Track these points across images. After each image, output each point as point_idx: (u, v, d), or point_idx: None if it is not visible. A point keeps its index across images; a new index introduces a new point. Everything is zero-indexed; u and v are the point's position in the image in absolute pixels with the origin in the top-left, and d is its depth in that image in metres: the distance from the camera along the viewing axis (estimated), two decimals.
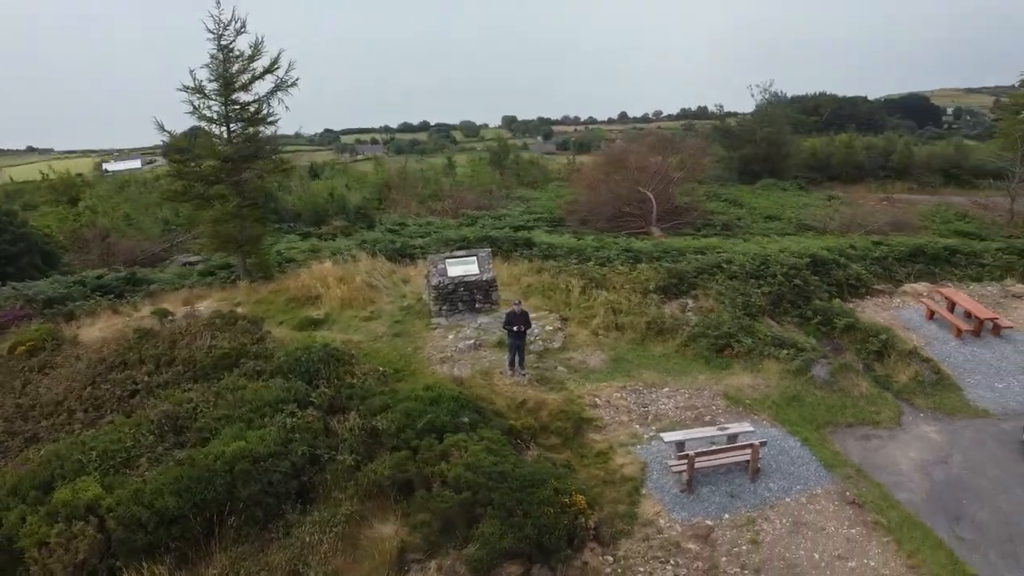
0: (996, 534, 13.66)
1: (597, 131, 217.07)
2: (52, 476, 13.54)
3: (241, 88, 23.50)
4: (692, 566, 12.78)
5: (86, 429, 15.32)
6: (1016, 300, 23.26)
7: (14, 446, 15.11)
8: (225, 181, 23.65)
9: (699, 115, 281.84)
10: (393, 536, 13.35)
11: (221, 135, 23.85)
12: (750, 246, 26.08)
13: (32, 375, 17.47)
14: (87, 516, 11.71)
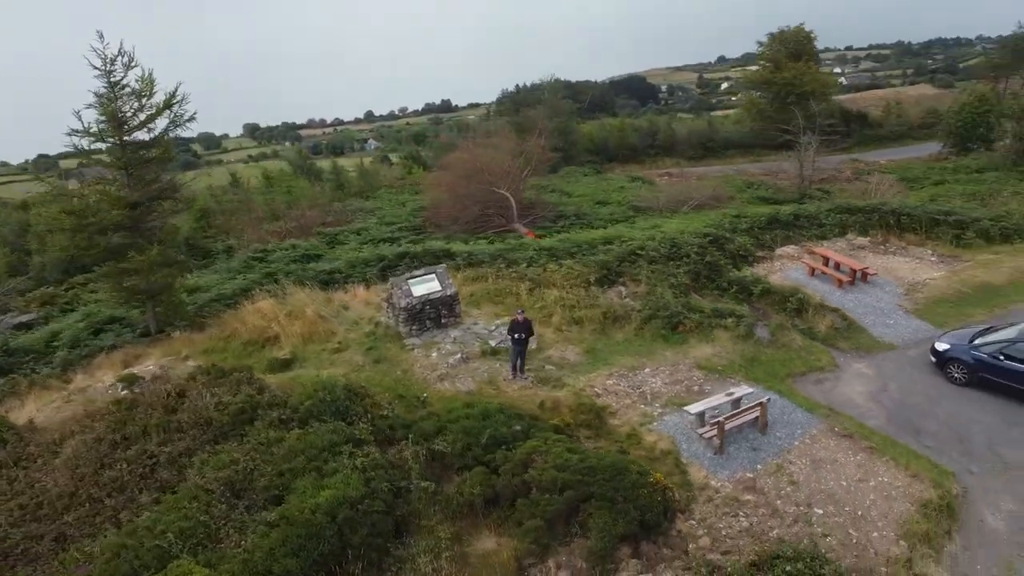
0: (947, 438, 17.32)
1: (347, 132, 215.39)
2: (133, 569, 12.64)
3: (138, 128, 21.87)
4: (758, 513, 14.93)
5: (121, 515, 14.20)
6: (861, 251, 28.34)
7: (43, 550, 13.63)
8: (135, 228, 21.91)
9: (444, 109, 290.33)
10: (496, 548, 14.15)
11: (120, 180, 22.00)
12: (641, 232, 28.91)
13: (5, 472, 15.57)
14: None
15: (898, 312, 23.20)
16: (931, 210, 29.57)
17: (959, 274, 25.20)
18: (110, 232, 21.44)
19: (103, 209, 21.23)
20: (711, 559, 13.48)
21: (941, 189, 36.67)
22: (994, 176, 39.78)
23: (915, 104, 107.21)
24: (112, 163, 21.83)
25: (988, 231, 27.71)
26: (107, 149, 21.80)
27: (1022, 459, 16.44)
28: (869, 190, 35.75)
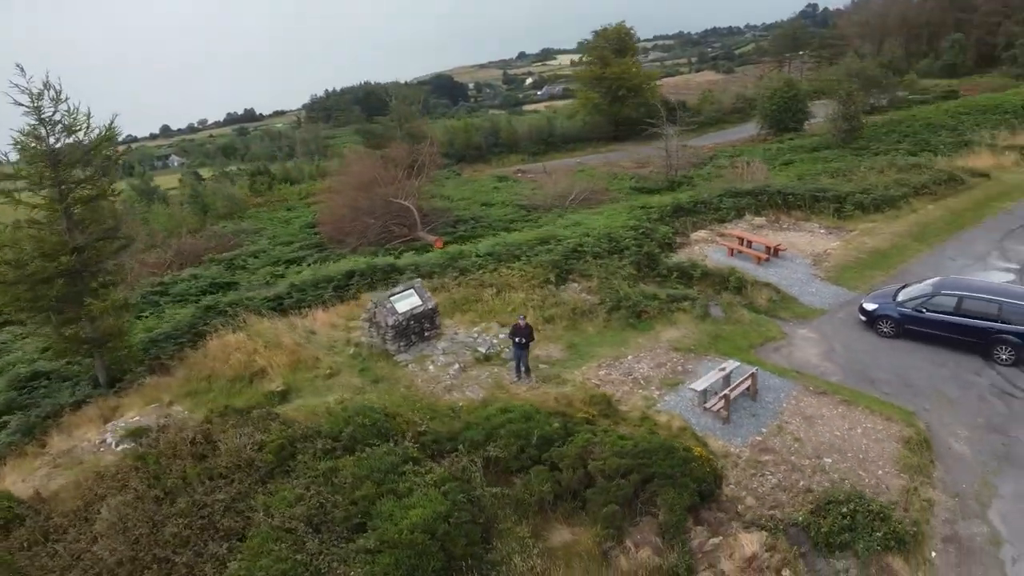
0: (897, 384, 20.34)
1: (145, 149, 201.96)
2: None
3: (74, 165, 20.44)
4: (780, 470, 16.96)
5: (197, 570, 13.76)
6: (761, 229, 31.69)
7: None
8: (83, 273, 20.45)
9: (249, 118, 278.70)
10: (573, 539, 15.23)
11: (58, 223, 20.40)
12: (568, 230, 30.51)
13: (34, 551, 14.46)
14: None
15: (815, 281, 26.42)
16: (812, 188, 33.63)
17: (851, 243, 29.01)
18: (57, 281, 19.85)
19: (45, 255, 19.62)
20: (771, 515, 15.26)
21: (800, 168, 41.39)
22: (833, 154, 45.39)
23: (699, 88, 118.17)
24: (47, 205, 20.16)
25: (863, 203, 32.00)
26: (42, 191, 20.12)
27: (959, 394, 19.68)
28: (742, 174, 39.67)
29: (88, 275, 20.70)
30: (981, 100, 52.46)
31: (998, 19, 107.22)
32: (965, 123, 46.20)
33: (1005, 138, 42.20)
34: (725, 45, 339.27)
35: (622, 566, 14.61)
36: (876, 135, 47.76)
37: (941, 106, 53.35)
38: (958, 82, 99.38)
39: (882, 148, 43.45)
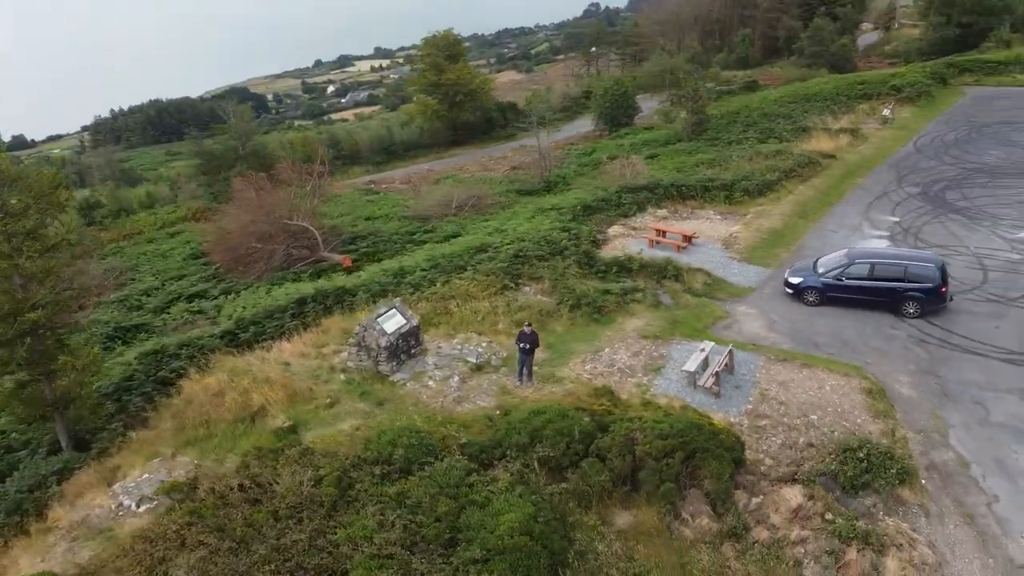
0: (836, 344, 23.45)
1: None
2: None
3: (23, 215, 18.92)
4: (778, 431, 19.29)
5: None
6: (665, 220, 34.51)
7: None
8: (47, 330, 18.97)
9: (19, 145, 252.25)
10: (635, 520, 16.66)
11: (12, 281, 18.74)
12: (495, 237, 31.62)
13: None
14: None
15: (733, 262, 29.41)
16: (700, 179, 37.01)
17: (750, 225, 32.44)
18: (19, 342, 18.31)
19: (4, 317, 18.07)
20: (792, 471, 17.44)
21: (670, 162, 44.94)
22: (689, 146, 49.66)
23: (505, 88, 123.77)
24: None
25: (748, 189, 35.75)
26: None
27: (888, 347, 23.10)
28: (624, 171, 42.56)
29: (49, 331, 19.16)
30: (799, 89, 59.30)
31: (777, 15, 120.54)
32: (795, 111, 52.24)
33: (834, 122, 48.41)
34: (520, 45, 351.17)
35: (687, 535, 16.13)
36: (720, 126, 52.81)
37: (769, 96, 59.58)
38: (750, 72, 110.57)
39: (733, 138, 48.23)
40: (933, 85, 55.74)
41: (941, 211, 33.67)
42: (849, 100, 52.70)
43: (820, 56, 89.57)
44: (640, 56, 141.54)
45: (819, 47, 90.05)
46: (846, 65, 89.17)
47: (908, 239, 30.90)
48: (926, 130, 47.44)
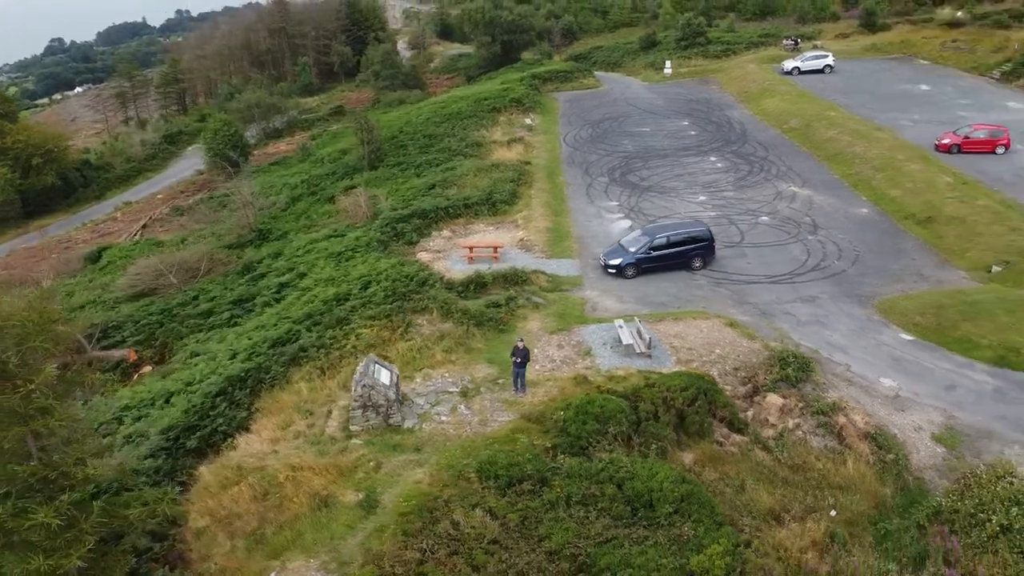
0: (672, 300, 31.17)
1: None
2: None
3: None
4: (713, 367, 26.10)
5: None
6: (454, 237, 38.75)
7: None
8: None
9: None
10: (693, 456, 22.09)
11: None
12: (329, 288, 32.49)
13: None
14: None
15: (545, 260, 35.31)
16: (458, 198, 41.73)
17: (528, 230, 38.57)
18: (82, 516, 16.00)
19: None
20: (749, 387, 24.35)
21: (402, 187, 48.25)
22: (379, 174, 53.41)
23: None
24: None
25: (501, 199, 41.70)
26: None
27: (704, 292, 31.57)
28: (351, 210, 44.94)
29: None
30: (437, 108, 66.68)
31: (326, 42, 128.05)
32: (454, 129, 59.31)
33: (490, 134, 56.83)
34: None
35: (732, 451, 22.02)
36: (392, 152, 57.61)
37: (412, 118, 65.42)
38: (323, 98, 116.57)
39: (420, 161, 53.45)
40: (535, 94, 68.22)
41: (637, 190, 44.06)
42: (486, 114, 61.82)
43: (395, 78, 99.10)
44: (191, 93, 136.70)
45: (392, 70, 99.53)
46: (419, 84, 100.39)
47: (636, 215, 40.25)
48: (560, 132, 58.92)
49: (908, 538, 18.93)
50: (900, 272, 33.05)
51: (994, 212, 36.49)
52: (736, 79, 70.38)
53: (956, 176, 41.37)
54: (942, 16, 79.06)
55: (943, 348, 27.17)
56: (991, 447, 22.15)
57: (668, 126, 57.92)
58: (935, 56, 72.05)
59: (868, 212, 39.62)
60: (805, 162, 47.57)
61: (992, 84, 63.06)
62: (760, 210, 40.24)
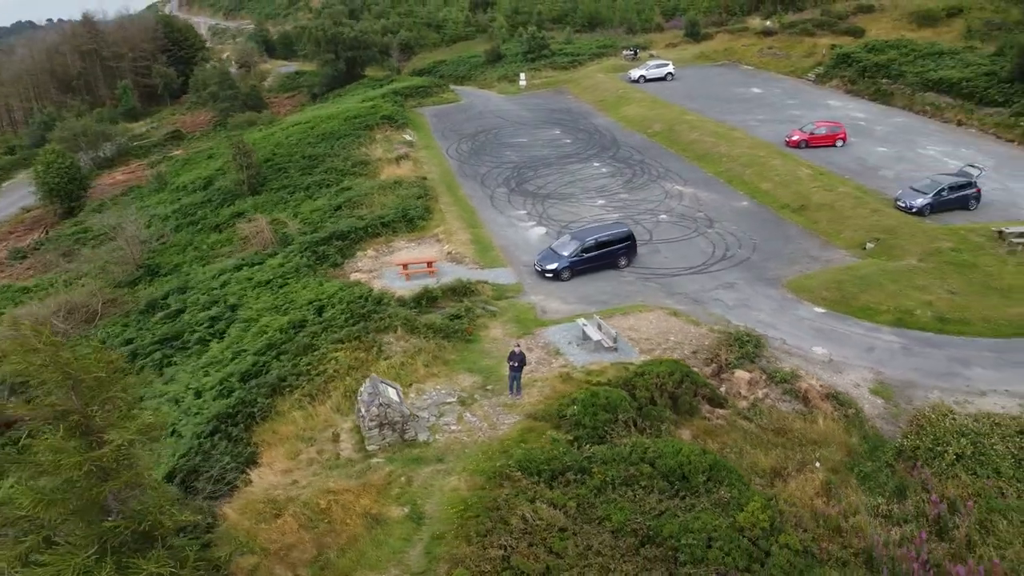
0: (612, 298, 33.86)
1: None
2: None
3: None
4: (668, 352, 28.91)
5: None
6: (380, 257, 39.23)
7: None
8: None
9: None
10: (690, 433, 24.69)
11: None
12: (303, 311, 32.12)
13: None
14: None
15: (480, 271, 36.78)
16: (373, 218, 42.02)
17: (453, 243, 39.77)
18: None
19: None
20: (715, 365, 27.34)
21: (305, 209, 47.41)
22: (259, 200, 52.29)
23: None
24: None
25: (418, 215, 42.57)
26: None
27: (636, 287, 34.47)
28: (254, 237, 43.89)
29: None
30: (304, 129, 65.54)
31: (146, 63, 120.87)
32: (334, 148, 58.79)
33: (370, 152, 57.10)
34: None
35: (721, 424, 24.80)
36: (273, 175, 56.35)
37: (281, 139, 63.81)
38: (151, 121, 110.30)
39: (306, 183, 52.79)
40: (403, 111, 69.06)
41: (538, 198, 46.53)
42: (360, 132, 61.90)
43: (235, 99, 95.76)
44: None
45: (231, 90, 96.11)
46: (262, 104, 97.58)
47: (547, 221, 42.68)
48: (440, 146, 60.31)
49: (884, 476, 22.46)
50: (793, 255, 37.63)
51: (855, 197, 42.26)
52: (589, 88, 74.96)
53: (813, 168, 47.23)
54: (755, 26, 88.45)
55: (852, 317, 31.56)
56: (917, 394, 26.39)
57: (542, 136, 60.95)
58: (756, 62, 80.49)
59: (748, 204, 44.39)
60: (678, 163, 52.12)
61: (810, 85, 71.63)
62: (657, 209, 43.93)
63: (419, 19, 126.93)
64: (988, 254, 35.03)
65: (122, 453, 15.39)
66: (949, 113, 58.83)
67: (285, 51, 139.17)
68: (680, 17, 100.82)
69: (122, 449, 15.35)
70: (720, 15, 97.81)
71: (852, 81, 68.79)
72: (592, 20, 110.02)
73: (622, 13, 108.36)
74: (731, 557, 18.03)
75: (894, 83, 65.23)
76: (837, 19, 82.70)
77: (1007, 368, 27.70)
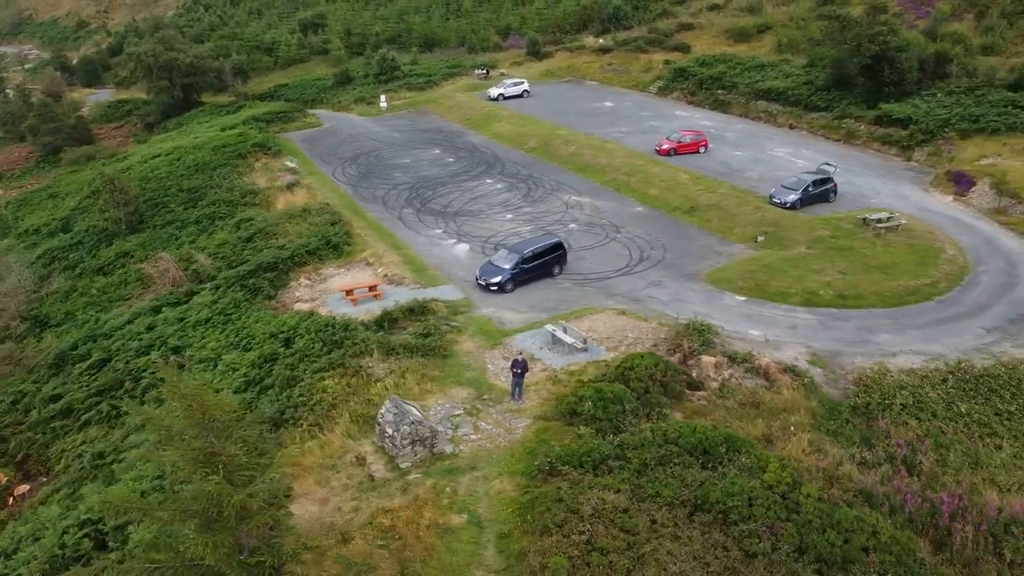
0: (556, 303, 36.39)
1: None
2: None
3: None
4: (632, 347, 31.88)
5: None
6: (317, 283, 39.22)
7: None
8: None
9: None
10: (682, 416, 27.70)
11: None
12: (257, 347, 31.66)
13: None
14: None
15: (426, 290, 37.90)
16: (296, 247, 41.64)
17: (386, 266, 40.45)
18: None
19: None
20: (680, 353, 30.61)
21: (212, 242, 45.62)
22: (143, 237, 49.79)
23: None
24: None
25: (344, 242, 42.74)
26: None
27: (575, 292, 37.24)
28: (159, 277, 42.08)
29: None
30: (169, 161, 62.35)
31: None
32: (211, 180, 56.57)
33: (252, 181, 55.85)
34: None
35: (703, 403, 27.98)
36: (152, 212, 53.57)
37: (146, 174, 60.11)
38: None
39: (194, 217, 50.85)
40: (273, 138, 67.72)
41: (447, 216, 48.19)
42: (235, 161, 60.15)
43: (59, 132, 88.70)
44: None
45: (54, 123, 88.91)
46: (89, 137, 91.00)
47: (466, 238, 44.51)
48: (325, 171, 59.92)
49: (848, 430, 26.51)
50: (700, 251, 42.02)
51: (736, 197, 47.60)
52: (452, 108, 77.20)
53: (689, 173, 52.38)
54: (590, 44, 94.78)
55: (769, 301, 36.04)
56: (844, 361, 30.98)
57: (424, 156, 62.41)
58: (599, 77, 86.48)
59: (643, 210, 48.57)
60: (565, 176, 55.62)
61: (654, 98, 78.20)
62: (564, 219, 46.97)
63: (246, 42, 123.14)
64: (860, 239, 41.04)
65: (261, 493, 15.81)
66: (781, 118, 66.86)
67: (88, 77, 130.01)
68: (515, 36, 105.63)
69: (261, 490, 15.78)
70: (554, 34, 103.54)
71: (692, 93, 75.94)
72: (428, 40, 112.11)
73: (458, 33, 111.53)
74: (772, 511, 20.96)
75: (729, 93, 72.88)
76: (664, 36, 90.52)
77: (904, 332, 33.08)
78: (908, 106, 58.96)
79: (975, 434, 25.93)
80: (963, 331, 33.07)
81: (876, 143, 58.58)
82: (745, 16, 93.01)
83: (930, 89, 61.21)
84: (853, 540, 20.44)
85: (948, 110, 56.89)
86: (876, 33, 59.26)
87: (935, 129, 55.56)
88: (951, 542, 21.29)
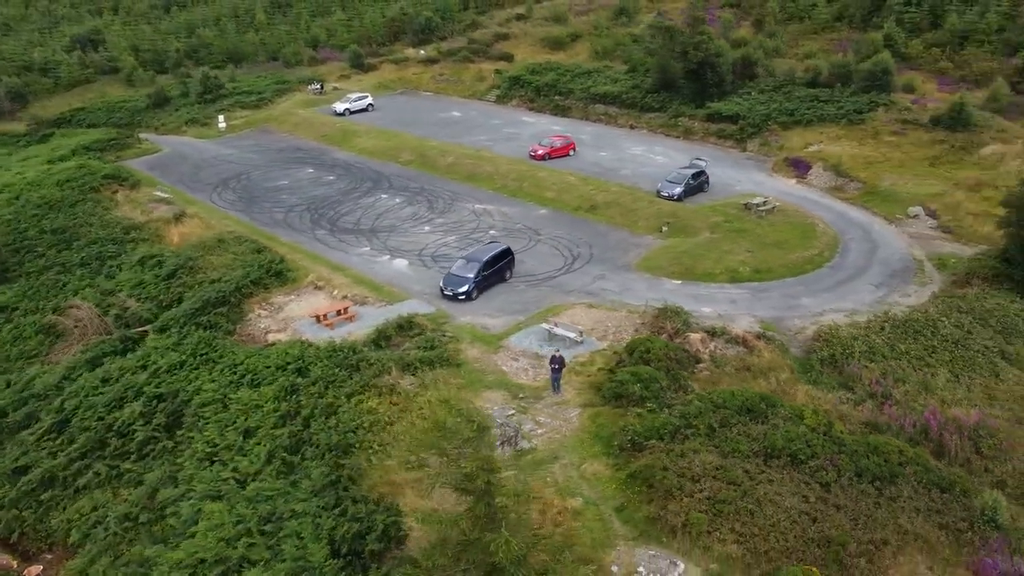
0: (523, 305, 39.24)
1: None
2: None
3: None
4: (619, 335, 35.55)
5: None
6: (280, 312, 38.57)
7: None
8: None
9: None
10: (697, 384, 31.89)
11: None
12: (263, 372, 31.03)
13: None
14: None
15: (395, 306, 38.78)
16: (238, 279, 40.30)
17: (340, 289, 40.62)
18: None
19: None
20: (666, 334, 34.81)
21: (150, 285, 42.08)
22: (14, 289, 44.89)
23: None
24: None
25: (291, 268, 41.93)
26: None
27: (530, 294, 40.28)
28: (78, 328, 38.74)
29: None
30: (7, 199, 55.69)
31: None
32: (75, 218, 51.81)
33: (133, 214, 52.13)
34: None
35: (707, 374, 32.34)
36: (18, 258, 48.24)
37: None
38: None
39: (77, 259, 46.54)
40: (116, 165, 63.09)
41: (366, 234, 48.79)
42: (92, 195, 55.54)
43: None
44: None
45: None
46: None
47: (400, 253, 45.69)
48: (198, 199, 57.17)
49: (825, 378, 31.99)
50: (619, 245, 46.56)
51: (629, 193, 52.81)
52: (299, 125, 76.02)
53: (575, 175, 56.93)
54: (413, 56, 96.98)
55: (701, 282, 41.27)
56: (788, 323, 36.79)
57: (300, 175, 61.55)
58: (433, 88, 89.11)
59: (547, 212, 52.32)
60: (455, 186, 57.87)
61: (494, 106, 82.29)
62: (480, 227, 49.48)
63: (10, 62, 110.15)
64: (748, 221, 47.74)
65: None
66: (621, 120, 73.66)
67: None
68: (324, 48, 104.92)
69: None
70: (369, 46, 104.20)
71: (531, 99, 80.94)
72: (232, 55, 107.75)
73: (264, 47, 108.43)
74: (825, 448, 25.57)
75: (566, 99, 78.75)
76: (486, 47, 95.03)
77: (818, 295, 39.66)
78: (732, 104, 67.85)
79: (917, 367, 32.44)
80: (860, 289, 40.26)
81: (712, 137, 66.77)
82: (551, 25, 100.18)
83: (744, 88, 70.74)
84: (890, 459, 25.50)
85: (766, 106, 66.40)
86: (699, 42, 67.45)
87: (760, 123, 64.66)
88: (946, 450, 27.11)
